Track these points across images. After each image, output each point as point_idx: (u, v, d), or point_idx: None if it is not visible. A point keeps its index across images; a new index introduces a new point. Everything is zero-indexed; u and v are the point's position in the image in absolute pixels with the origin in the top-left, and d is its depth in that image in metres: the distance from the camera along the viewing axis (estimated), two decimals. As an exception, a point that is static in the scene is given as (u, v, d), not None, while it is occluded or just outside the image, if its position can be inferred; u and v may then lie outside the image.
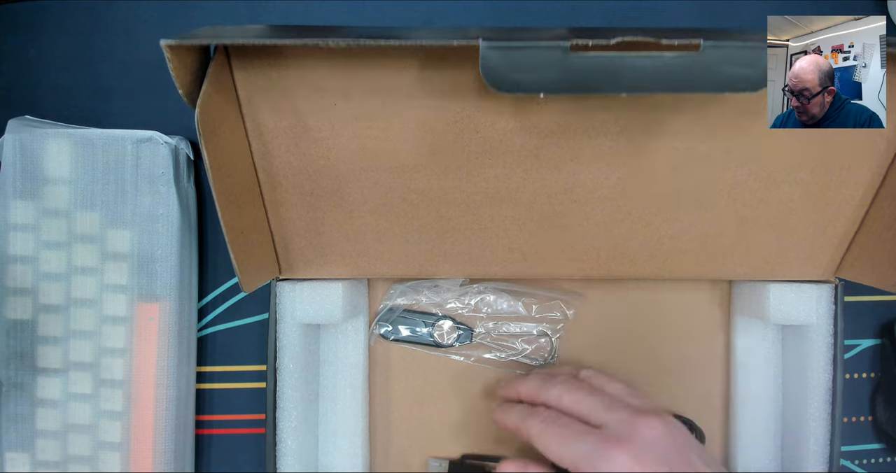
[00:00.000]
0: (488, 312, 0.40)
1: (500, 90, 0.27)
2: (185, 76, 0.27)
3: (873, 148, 0.34)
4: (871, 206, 0.35)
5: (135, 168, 0.36)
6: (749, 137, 0.33)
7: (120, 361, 0.37)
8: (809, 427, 0.37)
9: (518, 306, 0.40)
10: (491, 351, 0.40)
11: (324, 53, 0.31)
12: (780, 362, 0.39)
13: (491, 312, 0.40)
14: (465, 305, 0.40)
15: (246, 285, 0.32)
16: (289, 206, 0.35)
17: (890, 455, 0.41)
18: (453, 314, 0.40)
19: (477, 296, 0.40)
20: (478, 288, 0.40)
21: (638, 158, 0.34)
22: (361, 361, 0.39)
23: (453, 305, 0.40)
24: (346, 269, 0.37)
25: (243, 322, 0.41)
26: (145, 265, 0.37)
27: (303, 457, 0.37)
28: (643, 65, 0.26)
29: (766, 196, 0.35)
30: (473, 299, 0.40)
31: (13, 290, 0.37)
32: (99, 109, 0.40)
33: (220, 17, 0.39)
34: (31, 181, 0.36)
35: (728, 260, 0.37)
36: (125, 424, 0.37)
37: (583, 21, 0.39)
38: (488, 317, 0.40)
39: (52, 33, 0.40)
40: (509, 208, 0.35)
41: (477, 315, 0.40)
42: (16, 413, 0.37)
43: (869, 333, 0.41)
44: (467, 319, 0.40)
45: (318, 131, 0.33)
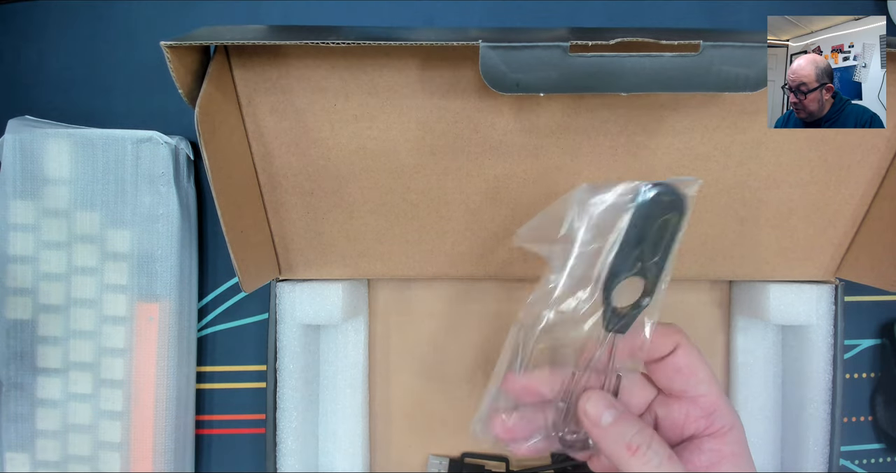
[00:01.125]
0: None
1: (500, 90, 0.27)
2: (186, 76, 0.27)
3: (873, 148, 0.34)
4: (871, 206, 0.35)
5: (135, 168, 0.36)
6: (749, 137, 0.33)
7: (120, 361, 0.37)
8: (809, 427, 0.37)
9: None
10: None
11: (324, 53, 0.31)
12: (780, 362, 0.39)
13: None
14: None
15: (246, 285, 0.32)
16: (289, 207, 0.35)
17: (890, 455, 0.41)
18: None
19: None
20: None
21: (638, 158, 0.34)
22: (361, 361, 0.39)
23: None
24: (346, 270, 0.37)
25: (243, 322, 0.41)
26: (145, 265, 0.37)
27: (303, 457, 0.37)
28: (643, 65, 0.26)
29: (766, 196, 0.35)
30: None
31: (13, 290, 0.37)
32: (99, 109, 0.40)
33: (220, 17, 0.39)
34: (31, 181, 0.36)
35: (728, 261, 0.37)
36: (125, 424, 0.37)
37: (583, 21, 0.39)
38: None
39: (52, 33, 0.40)
40: (509, 208, 0.35)
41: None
42: (16, 413, 0.37)
43: (869, 333, 0.41)
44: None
45: (318, 131, 0.33)
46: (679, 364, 0.28)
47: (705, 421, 0.28)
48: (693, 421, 0.28)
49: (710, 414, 0.28)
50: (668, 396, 0.29)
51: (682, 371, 0.28)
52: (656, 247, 0.26)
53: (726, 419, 0.28)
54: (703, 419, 0.28)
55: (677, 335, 0.28)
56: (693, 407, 0.28)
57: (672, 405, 0.28)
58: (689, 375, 0.28)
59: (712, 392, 0.28)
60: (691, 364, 0.28)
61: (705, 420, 0.28)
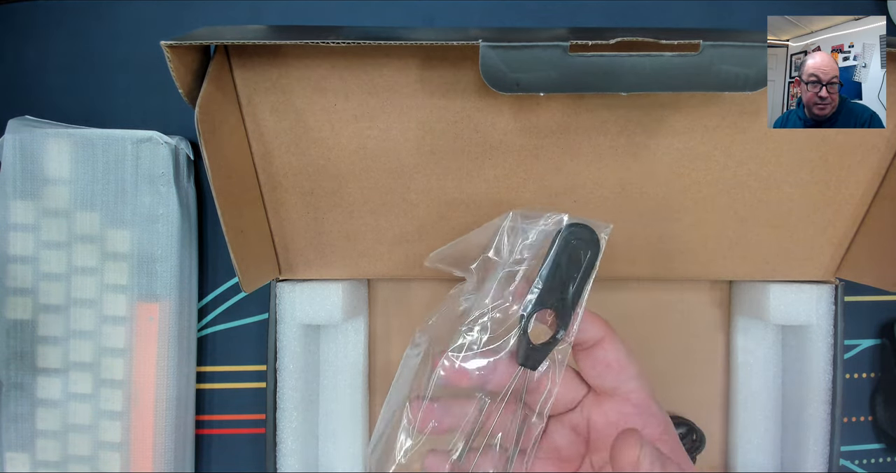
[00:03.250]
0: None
1: (500, 90, 0.27)
2: (186, 76, 0.27)
3: (873, 148, 0.34)
4: (871, 206, 0.35)
5: (135, 168, 0.36)
6: (749, 137, 0.33)
7: (120, 361, 0.37)
8: (809, 427, 0.37)
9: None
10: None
11: (324, 53, 0.31)
12: (780, 362, 0.39)
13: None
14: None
15: (246, 285, 0.32)
16: (289, 206, 0.35)
17: (890, 455, 0.41)
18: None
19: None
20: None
21: (638, 158, 0.34)
22: (361, 361, 0.39)
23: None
24: (346, 270, 0.37)
25: (243, 322, 0.40)
26: (145, 265, 0.37)
27: (303, 457, 0.37)
28: (643, 64, 0.26)
29: (766, 196, 0.35)
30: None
31: (13, 290, 0.37)
32: (99, 109, 0.40)
33: (220, 17, 0.39)
34: (31, 181, 0.36)
35: (728, 261, 0.37)
36: (125, 424, 0.37)
37: (583, 21, 0.39)
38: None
39: (52, 33, 0.40)
40: (509, 208, 0.35)
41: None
42: (16, 413, 0.37)
43: (869, 333, 0.41)
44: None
45: (318, 131, 0.33)
46: (608, 358, 0.27)
47: (641, 420, 0.27)
48: (628, 419, 0.27)
49: (644, 413, 0.27)
50: (600, 394, 0.28)
51: (612, 366, 0.27)
52: (572, 281, 0.27)
53: (659, 417, 0.27)
54: (639, 417, 0.27)
55: (602, 325, 0.28)
56: (626, 404, 0.27)
57: (604, 404, 0.28)
58: (620, 370, 0.27)
59: (644, 388, 0.27)
60: (620, 358, 0.27)
61: (641, 419, 0.27)
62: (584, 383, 0.29)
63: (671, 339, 0.40)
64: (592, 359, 0.28)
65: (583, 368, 0.29)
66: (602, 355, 0.28)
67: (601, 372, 0.28)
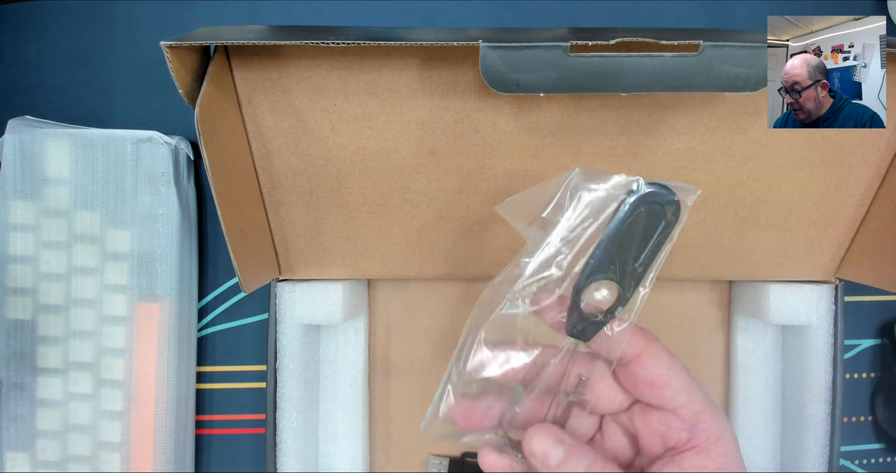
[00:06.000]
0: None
1: (500, 90, 0.27)
2: (186, 76, 0.27)
3: (873, 148, 0.34)
4: (872, 206, 0.35)
5: (135, 168, 0.36)
6: (749, 137, 0.33)
7: (120, 361, 0.37)
8: (809, 427, 0.37)
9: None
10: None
11: (324, 53, 0.31)
12: (780, 362, 0.39)
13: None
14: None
15: (246, 285, 0.32)
16: (289, 207, 0.35)
17: (890, 455, 0.41)
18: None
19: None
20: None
21: (638, 158, 0.34)
22: (361, 361, 0.39)
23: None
24: (346, 270, 0.37)
25: (243, 322, 0.40)
26: (145, 265, 0.37)
27: (303, 457, 0.37)
28: (643, 65, 0.26)
29: (766, 196, 0.35)
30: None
31: (13, 290, 0.37)
32: (99, 109, 0.40)
33: (220, 17, 0.39)
34: (31, 181, 0.36)
35: (728, 261, 0.37)
36: (125, 424, 0.37)
37: (583, 21, 0.39)
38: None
39: (52, 33, 0.40)
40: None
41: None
42: (16, 413, 0.37)
43: (869, 333, 0.41)
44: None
45: (318, 131, 0.33)
46: (650, 376, 0.25)
47: (687, 434, 0.25)
48: (674, 433, 0.25)
49: (693, 426, 0.25)
50: (647, 404, 0.27)
51: (655, 384, 0.25)
52: (640, 252, 0.24)
53: (711, 430, 0.25)
54: (685, 431, 0.25)
55: (641, 338, 0.26)
56: (673, 419, 0.26)
57: (651, 414, 0.26)
58: (663, 387, 0.25)
59: (694, 401, 0.25)
60: (662, 374, 0.25)
61: (687, 433, 0.25)
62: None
63: (671, 339, 0.40)
64: (632, 378, 0.26)
65: (623, 384, 0.27)
66: (642, 374, 0.26)
67: (643, 391, 0.26)
